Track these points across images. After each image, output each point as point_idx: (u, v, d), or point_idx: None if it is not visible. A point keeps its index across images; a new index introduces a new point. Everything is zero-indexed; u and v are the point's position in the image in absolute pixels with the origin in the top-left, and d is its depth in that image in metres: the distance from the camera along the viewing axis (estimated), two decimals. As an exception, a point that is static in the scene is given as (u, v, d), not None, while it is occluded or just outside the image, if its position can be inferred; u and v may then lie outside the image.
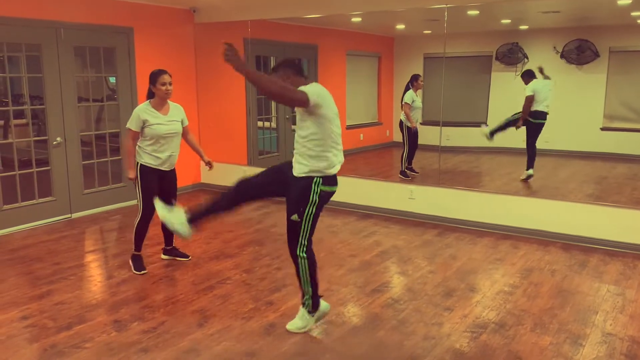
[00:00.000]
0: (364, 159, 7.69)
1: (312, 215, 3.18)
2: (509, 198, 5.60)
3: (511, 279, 4.25)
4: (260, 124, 7.86)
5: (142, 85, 6.57)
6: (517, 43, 7.60)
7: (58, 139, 5.82)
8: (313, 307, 3.37)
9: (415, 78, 7.22)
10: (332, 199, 7.37)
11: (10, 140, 5.64)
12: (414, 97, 7.19)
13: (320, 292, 3.97)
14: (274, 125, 8.09)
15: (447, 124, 6.34)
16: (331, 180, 3.19)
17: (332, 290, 4.03)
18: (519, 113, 6.74)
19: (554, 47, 7.28)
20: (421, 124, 8.42)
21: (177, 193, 4.45)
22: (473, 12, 6.08)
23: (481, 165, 7.74)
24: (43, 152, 5.80)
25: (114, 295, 3.95)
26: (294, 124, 9.32)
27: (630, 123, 7.09)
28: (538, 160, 6.76)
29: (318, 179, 3.13)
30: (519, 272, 4.42)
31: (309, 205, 3.14)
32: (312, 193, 3.13)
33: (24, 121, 5.90)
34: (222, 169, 7.42)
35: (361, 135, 8.75)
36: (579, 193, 6.24)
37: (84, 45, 6.02)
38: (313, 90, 3.02)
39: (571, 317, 3.59)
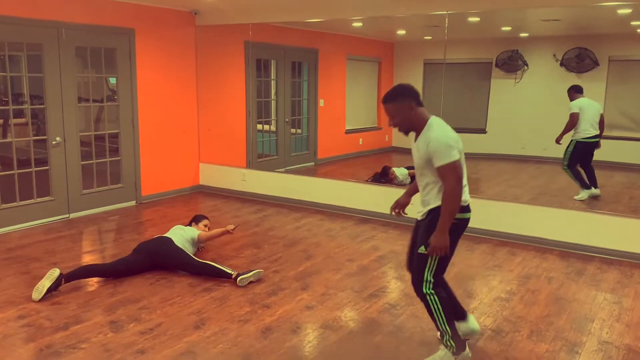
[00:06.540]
0: (362, 164, 7.71)
1: None
2: (507, 205, 5.61)
3: (508, 286, 4.26)
4: (259, 126, 7.87)
5: (143, 87, 6.58)
6: (517, 50, 7.62)
7: (57, 138, 5.82)
8: (457, 349, 2.99)
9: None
10: (327, 202, 7.32)
11: (9, 140, 5.64)
12: None
13: (318, 297, 3.98)
14: (273, 128, 8.10)
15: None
16: (463, 208, 2.91)
17: (329, 294, 4.03)
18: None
19: (554, 55, 7.29)
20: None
21: (175, 195, 4.39)
22: (474, 19, 6.10)
23: (480, 171, 7.74)
24: (42, 151, 5.80)
25: (111, 296, 3.94)
26: (294, 127, 9.24)
27: (628, 132, 7.10)
28: (537, 167, 6.75)
29: None
30: (516, 279, 4.42)
31: None
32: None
33: (23, 120, 5.89)
34: (221, 172, 7.43)
35: (360, 139, 8.76)
36: (577, 201, 6.24)
37: (85, 46, 6.03)
38: (457, 148, 2.81)
39: (568, 324, 3.59)
